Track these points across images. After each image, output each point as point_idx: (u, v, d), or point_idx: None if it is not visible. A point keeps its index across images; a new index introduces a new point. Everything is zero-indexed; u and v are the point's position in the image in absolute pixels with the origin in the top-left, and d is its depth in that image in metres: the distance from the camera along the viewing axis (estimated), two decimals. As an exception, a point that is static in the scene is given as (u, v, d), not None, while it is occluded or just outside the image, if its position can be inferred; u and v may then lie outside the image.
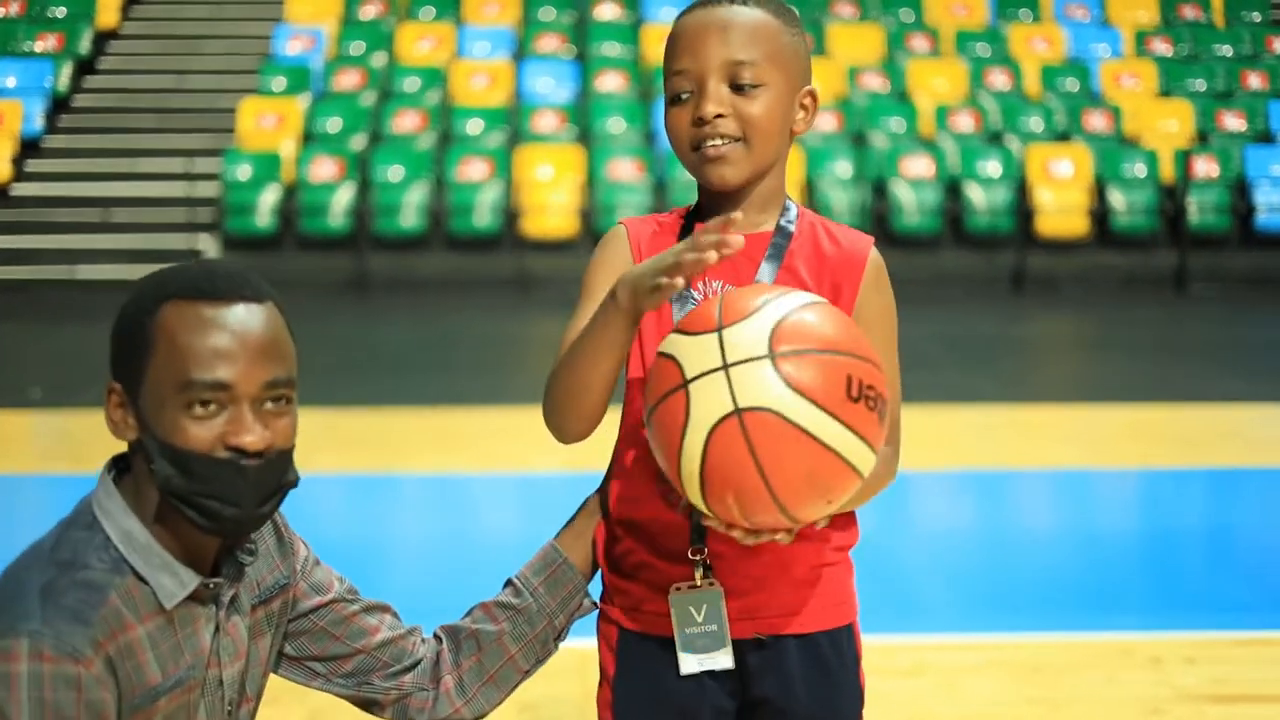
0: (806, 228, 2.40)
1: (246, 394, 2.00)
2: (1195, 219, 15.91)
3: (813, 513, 2.12)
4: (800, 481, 2.05)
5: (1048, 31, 18.25)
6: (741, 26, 2.31)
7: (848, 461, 2.08)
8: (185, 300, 2.02)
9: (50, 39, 17.54)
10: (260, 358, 2.01)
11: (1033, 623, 5.38)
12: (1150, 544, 6.74)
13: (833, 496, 2.10)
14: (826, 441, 2.05)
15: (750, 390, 2.04)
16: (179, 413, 1.99)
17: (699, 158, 2.32)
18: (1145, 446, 8.56)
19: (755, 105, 2.30)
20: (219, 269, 2.06)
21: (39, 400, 9.74)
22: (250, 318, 2.02)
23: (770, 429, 2.03)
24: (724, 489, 2.07)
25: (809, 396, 2.04)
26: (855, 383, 2.07)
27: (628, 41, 17.82)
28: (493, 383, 10.47)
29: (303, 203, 15.61)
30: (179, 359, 1.99)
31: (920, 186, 15.81)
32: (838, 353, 2.08)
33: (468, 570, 5.96)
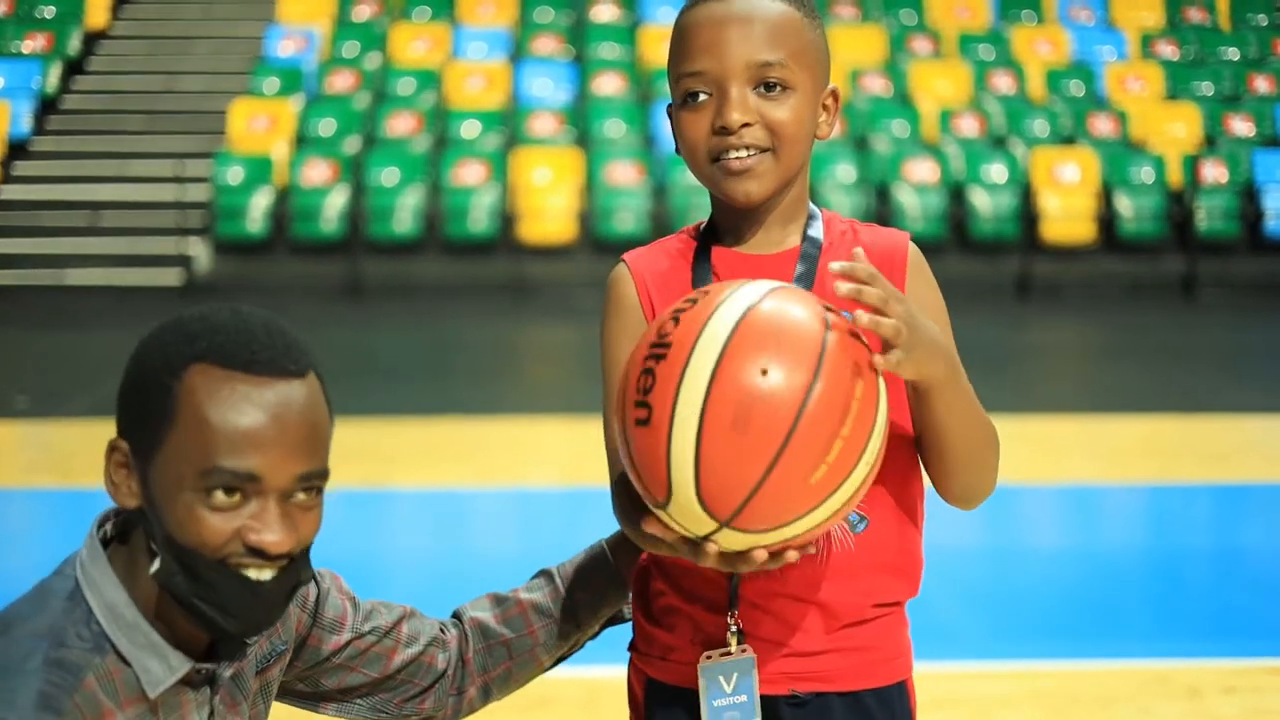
0: (838, 236, 2.19)
1: (276, 487, 1.77)
2: (1204, 225, 15.80)
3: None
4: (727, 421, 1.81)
5: (1051, 33, 18.15)
6: (765, 21, 2.09)
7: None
8: (219, 367, 1.76)
9: (39, 39, 17.48)
10: (298, 448, 1.78)
11: (1064, 649, 5.21)
12: (1178, 564, 6.53)
13: (755, 430, 1.80)
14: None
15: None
16: (195, 499, 1.75)
17: (720, 170, 2.10)
18: (1163, 460, 8.37)
19: (783, 110, 2.08)
20: (258, 329, 1.80)
21: (25, 410, 9.54)
22: (292, 399, 1.78)
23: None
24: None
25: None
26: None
27: (626, 43, 17.73)
28: (490, 392, 10.36)
29: (295, 207, 15.51)
30: (206, 438, 1.75)
31: (923, 191, 15.69)
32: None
33: (465, 592, 5.68)
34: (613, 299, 2.18)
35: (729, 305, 1.84)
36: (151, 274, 15.09)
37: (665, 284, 2.16)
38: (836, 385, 1.81)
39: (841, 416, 1.80)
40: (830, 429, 1.80)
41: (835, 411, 1.80)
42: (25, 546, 6.84)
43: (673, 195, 15.48)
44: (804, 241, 2.16)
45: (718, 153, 2.08)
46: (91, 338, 13.04)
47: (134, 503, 1.80)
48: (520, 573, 2.32)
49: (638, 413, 1.82)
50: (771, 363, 1.79)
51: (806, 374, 1.80)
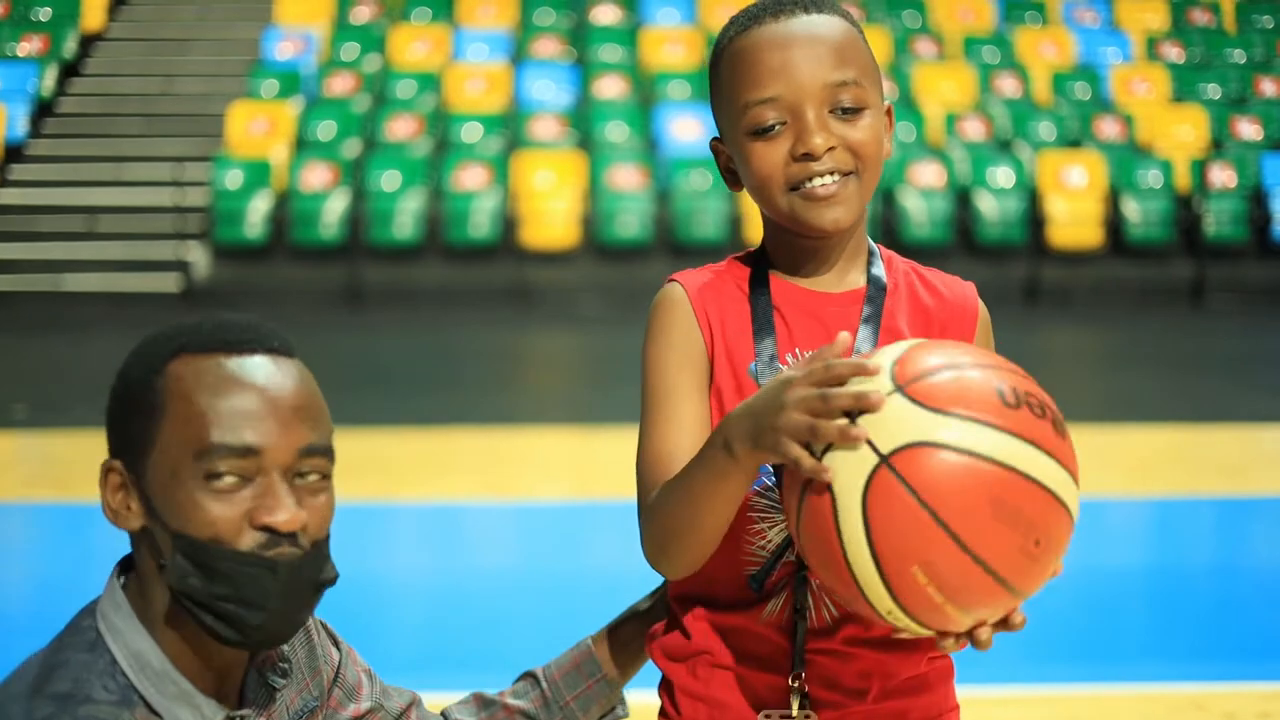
0: (900, 277, 2.09)
1: (278, 462, 1.68)
2: (1212, 230, 15.72)
3: (1022, 563, 1.71)
4: (985, 515, 1.67)
5: (1056, 35, 18.10)
6: (830, 40, 1.99)
7: (1031, 478, 1.69)
8: (199, 354, 1.71)
9: (34, 41, 17.39)
10: (294, 418, 1.70)
11: (1094, 673, 5.06)
12: (1202, 583, 6.39)
13: (1036, 532, 1.70)
14: (995, 457, 1.68)
15: (889, 430, 1.69)
16: (196, 486, 1.66)
17: (802, 199, 1.98)
18: (1186, 472, 8.24)
19: (861, 131, 1.98)
20: (235, 319, 1.76)
21: (23, 420, 9.40)
22: (279, 371, 1.73)
23: (926, 463, 1.68)
24: (905, 563, 1.69)
25: (956, 412, 1.69)
26: (1008, 390, 1.71)
27: (627, 45, 17.64)
28: (493, 401, 10.28)
29: (294, 211, 15.39)
30: (195, 421, 1.67)
31: (929, 195, 15.60)
32: (976, 367, 1.72)
33: (468, 612, 5.68)
34: (667, 315, 2.04)
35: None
36: (149, 280, 14.97)
37: (724, 311, 2.03)
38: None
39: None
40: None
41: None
42: (25, 563, 6.70)
43: (676, 199, 15.38)
44: (869, 284, 2.05)
45: (798, 181, 1.97)
46: (90, 345, 12.94)
47: (137, 523, 1.71)
48: (525, 593, 2.18)
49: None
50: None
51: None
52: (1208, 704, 4.69)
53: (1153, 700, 4.78)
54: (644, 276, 14.98)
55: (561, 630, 5.71)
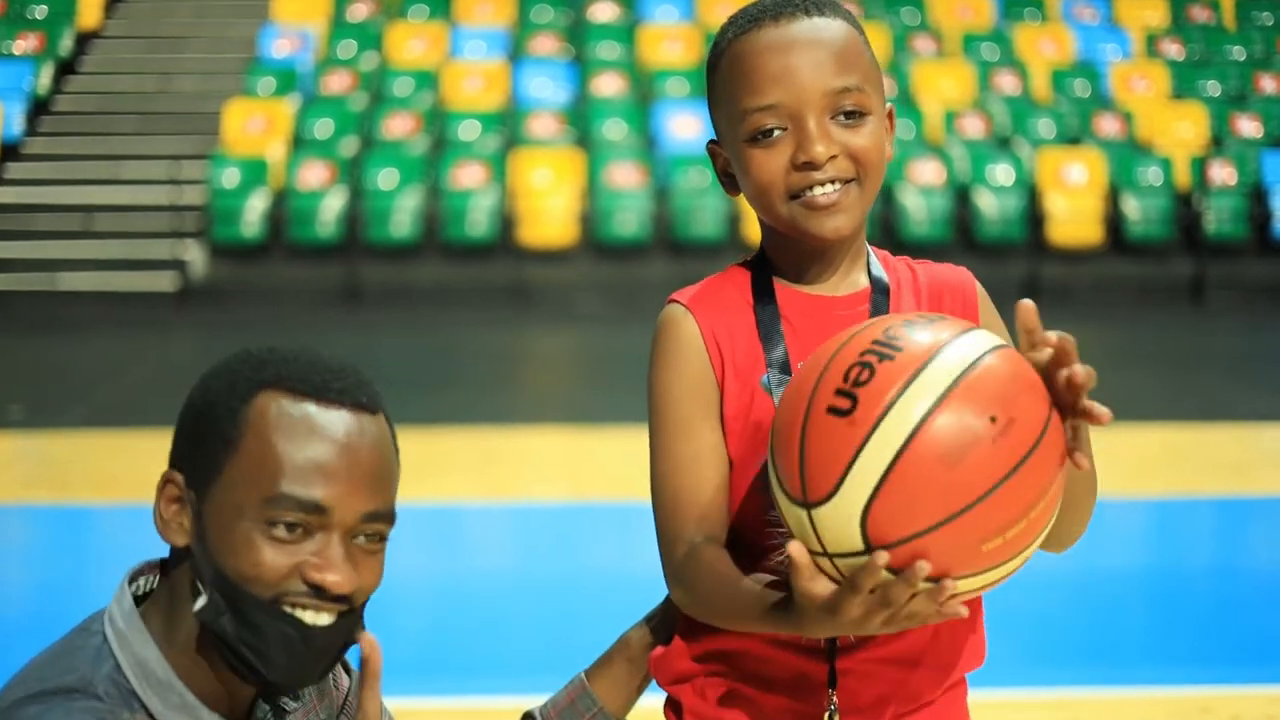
0: (900, 275, 2.07)
1: (342, 523, 1.68)
2: (1212, 227, 15.67)
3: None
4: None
5: (1055, 33, 18.06)
6: (833, 44, 1.95)
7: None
8: (288, 393, 1.70)
9: (30, 39, 17.34)
10: (367, 482, 1.69)
11: (1095, 676, 5.04)
12: (1209, 584, 6.37)
13: (959, 474, 1.66)
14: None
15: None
16: (254, 528, 1.66)
17: (802, 208, 1.94)
18: (1186, 472, 8.21)
19: (863, 138, 1.94)
20: (330, 361, 1.74)
21: (19, 421, 9.36)
22: (363, 431, 1.70)
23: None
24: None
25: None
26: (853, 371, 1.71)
27: (625, 42, 17.60)
28: (491, 400, 10.24)
29: (291, 209, 15.33)
30: (270, 465, 1.66)
31: (928, 193, 15.56)
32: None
33: (466, 615, 5.65)
34: (673, 341, 2.00)
35: (973, 339, 1.73)
36: (146, 279, 14.92)
37: (730, 325, 1.99)
38: (1043, 466, 1.69)
39: (1036, 499, 1.69)
40: (1023, 506, 1.68)
41: (1033, 491, 1.68)
42: (21, 566, 6.65)
43: (675, 197, 15.34)
44: (872, 286, 2.02)
45: (798, 189, 1.94)
46: (85, 344, 12.90)
47: (183, 540, 1.70)
48: (522, 596, 2.13)
49: (837, 400, 1.67)
50: (1002, 415, 1.66)
51: (1026, 444, 1.67)
52: (1213, 707, 4.67)
53: (1156, 704, 4.76)
54: (643, 275, 14.95)
55: (560, 633, 5.68)
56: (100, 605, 1.78)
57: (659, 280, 14.75)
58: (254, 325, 13.90)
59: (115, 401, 9.88)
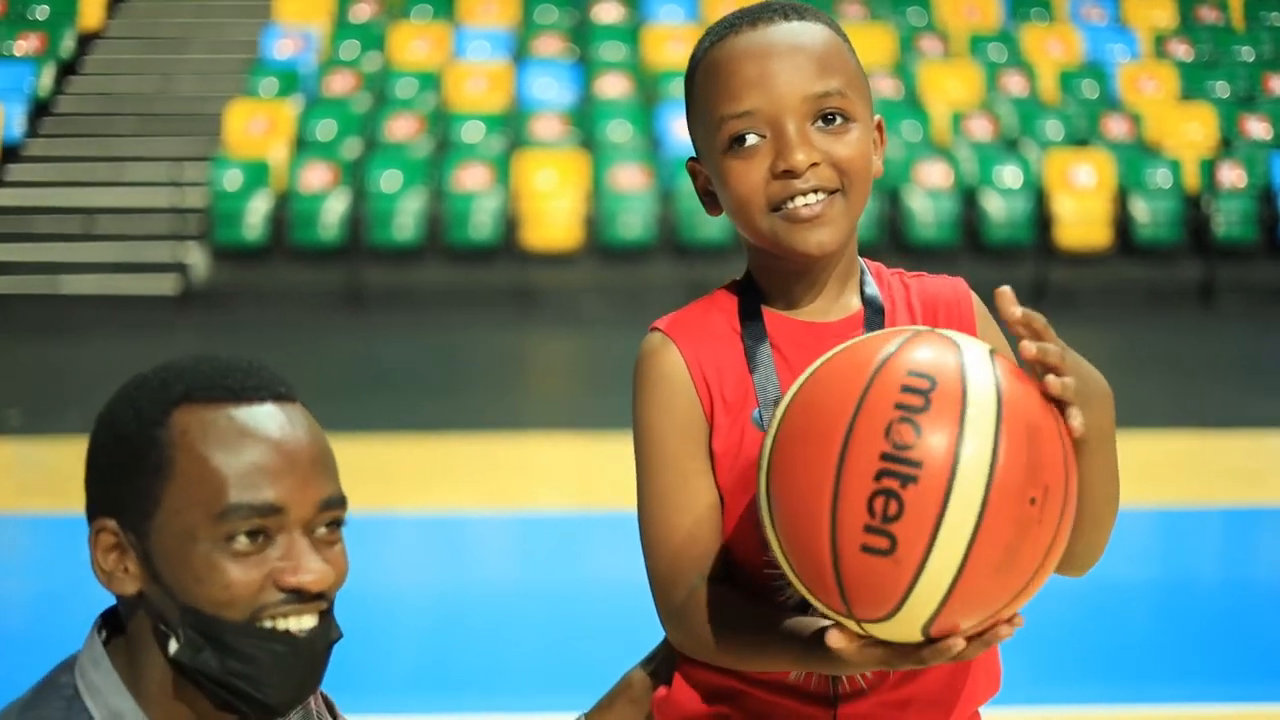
0: (895, 292, 1.96)
1: (300, 519, 1.60)
2: (1221, 230, 15.59)
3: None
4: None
5: (1062, 33, 17.99)
6: (812, 48, 1.86)
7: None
8: (204, 404, 1.60)
9: (31, 40, 17.26)
10: (313, 471, 1.61)
11: (1100, 693, 4.99)
12: (1219, 596, 6.29)
13: (1017, 570, 1.63)
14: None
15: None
16: (213, 549, 1.56)
17: (783, 220, 1.84)
18: (1196, 480, 8.13)
19: (847, 145, 1.84)
20: (233, 361, 1.66)
21: (17, 427, 9.29)
22: (293, 421, 1.63)
23: None
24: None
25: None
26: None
27: (629, 43, 17.54)
28: (494, 406, 10.19)
29: (294, 212, 15.26)
30: (210, 480, 1.57)
31: (935, 195, 15.48)
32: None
33: (467, 627, 5.57)
34: (656, 375, 1.89)
35: (975, 407, 1.61)
36: (147, 282, 14.86)
37: (718, 357, 1.88)
38: (1072, 505, 1.65)
39: (1064, 540, 1.66)
40: (1055, 555, 1.66)
41: (1065, 529, 1.65)
42: (18, 575, 6.58)
43: (680, 199, 15.24)
44: (865, 306, 1.91)
45: (779, 201, 1.83)
46: (85, 348, 12.84)
47: (134, 587, 1.60)
48: (528, 606, 2.04)
49: (871, 539, 1.58)
50: (1039, 490, 1.61)
51: (1061, 497, 1.64)
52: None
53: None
54: (647, 278, 14.88)
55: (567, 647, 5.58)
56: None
57: (664, 283, 14.68)
58: (256, 328, 13.85)
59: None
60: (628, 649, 2.04)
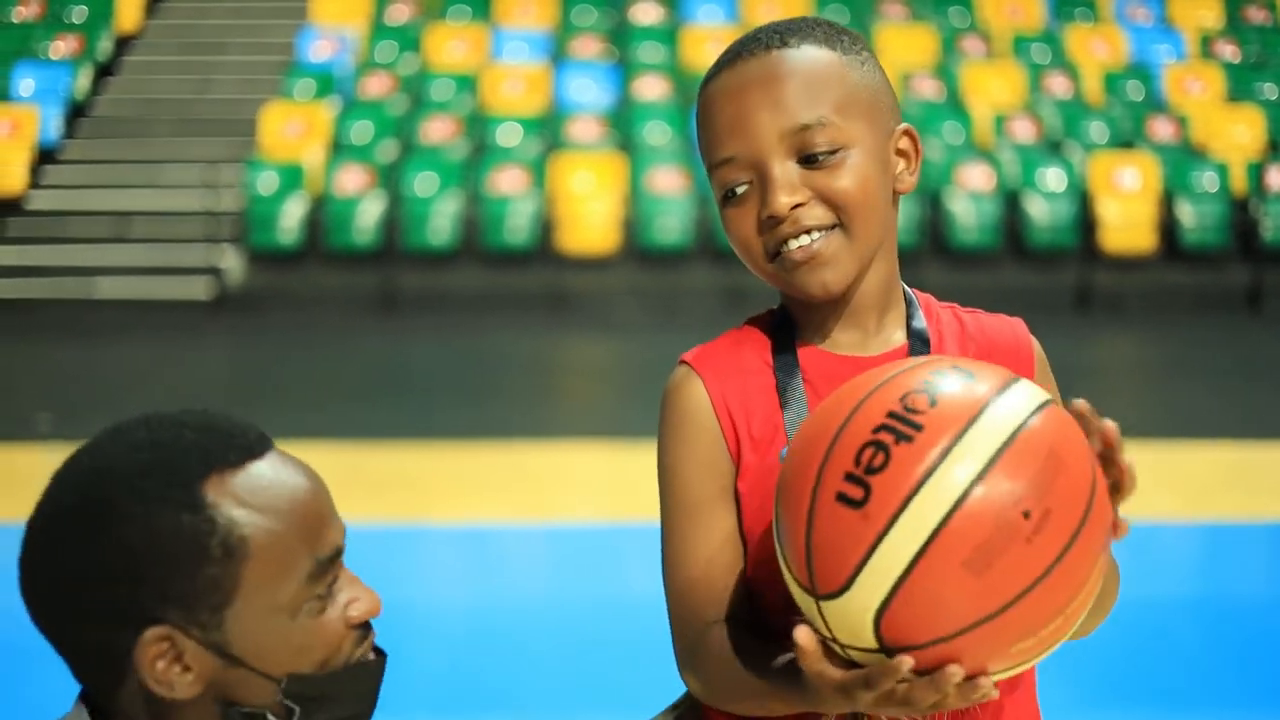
0: (945, 327, 1.85)
1: (341, 553, 1.58)
2: (1269, 234, 15.41)
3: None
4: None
5: (1107, 34, 17.82)
6: (792, 76, 1.74)
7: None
8: (229, 469, 1.48)
9: (69, 42, 17.27)
10: (330, 502, 1.58)
11: (1143, 716, 4.82)
12: (1268, 616, 6.10)
13: (988, 580, 1.50)
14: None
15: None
16: (310, 611, 1.51)
17: (783, 266, 1.75)
18: (1247, 494, 7.96)
19: (840, 177, 1.73)
20: (220, 422, 1.53)
21: (47, 432, 9.22)
22: (298, 463, 1.56)
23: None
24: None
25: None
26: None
27: (668, 45, 17.46)
28: (529, 412, 10.12)
29: (329, 215, 15.21)
30: (288, 545, 1.49)
31: (977, 199, 15.34)
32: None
33: (501, 641, 5.46)
34: (680, 412, 1.81)
35: (1008, 407, 1.51)
36: (181, 285, 14.84)
37: (746, 392, 1.78)
38: (1085, 554, 1.50)
39: (1074, 593, 1.51)
40: (1059, 604, 1.50)
41: (1071, 587, 1.50)
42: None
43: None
44: (910, 336, 1.80)
45: (775, 247, 1.73)
46: (117, 353, 12.82)
47: (200, 685, 1.47)
48: (560, 619, 1.95)
49: (847, 487, 1.50)
50: (1037, 506, 1.47)
51: (1064, 536, 1.48)
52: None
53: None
54: (685, 283, 14.80)
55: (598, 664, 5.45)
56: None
57: (701, 288, 14.57)
58: (289, 333, 13.82)
59: (146, 410, 9.76)
60: (660, 665, 1.95)
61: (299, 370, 11.99)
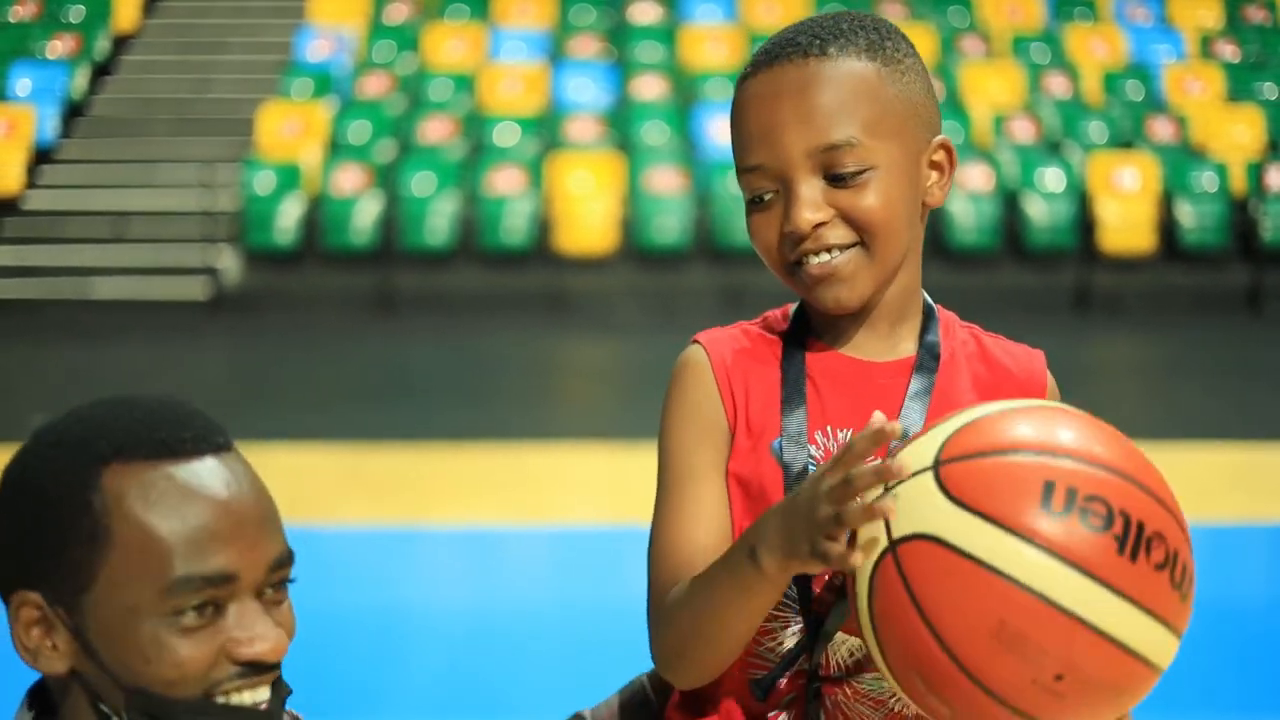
0: (959, 346, 1.85)
1: (252, 583, 1.48)
2: (1269, 234, 15.36)
3: (1040, 697, 1.46)
4: (984, 633, 1.45)
5: (1107, 33, 17.81)
6: (826, 91, 1.73)
7: (1073, 614, 1.44)
8: (140, 461, 1.45)
9: (66, 42, 17.24)
10: (262, 529, 1.49)
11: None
12: (1272, 621, 6.06)
13: (1056, 666, 1.44)
14: (1015, 576, 1.44)
15: (907, 514, 1.50)
16: (159, 625, 1.43)
17: (801, 278, 1.78)
18: (1248, 496, 7.94)
19: (865, 197, 1.74)
20: (166, 410, 1.49)
21: (41, 433, 9.21)
22: (236, 475, 1.49)
23: (928, 562, 1.48)
24: (902, 659, 1.52)
25: (984, 512, 1.46)
26: (1061, 491, 1.46)
27: (667, 44, 17.43)
28: (528, 414, 10.09)
29: (326, 215, 15.17)
30: (156, 549, 1.43)
31: (976, 199, 15.33)
32: (1043, 453, 1.47)
33: (501, 645, 5.43)
34: (686, 383, 1.83)
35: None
36: (177, 285, 14.81)
37: (750, 378, 1.80)
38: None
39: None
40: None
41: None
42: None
43: (717, 203, 15.11)
44: (920, 348, 1.80)
45: (795, 259, 1.76)
46: (113, 353, 12.81)
47: (63, 665, 1.46)
48: (561, 623, 1.94)
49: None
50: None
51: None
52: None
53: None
54: (683, 283, 14.77)
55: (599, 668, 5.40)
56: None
57: (700, 289, 14.55)
58: (286, 333, 13.79)
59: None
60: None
61: (296, 370, 11.97)
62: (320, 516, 7.23)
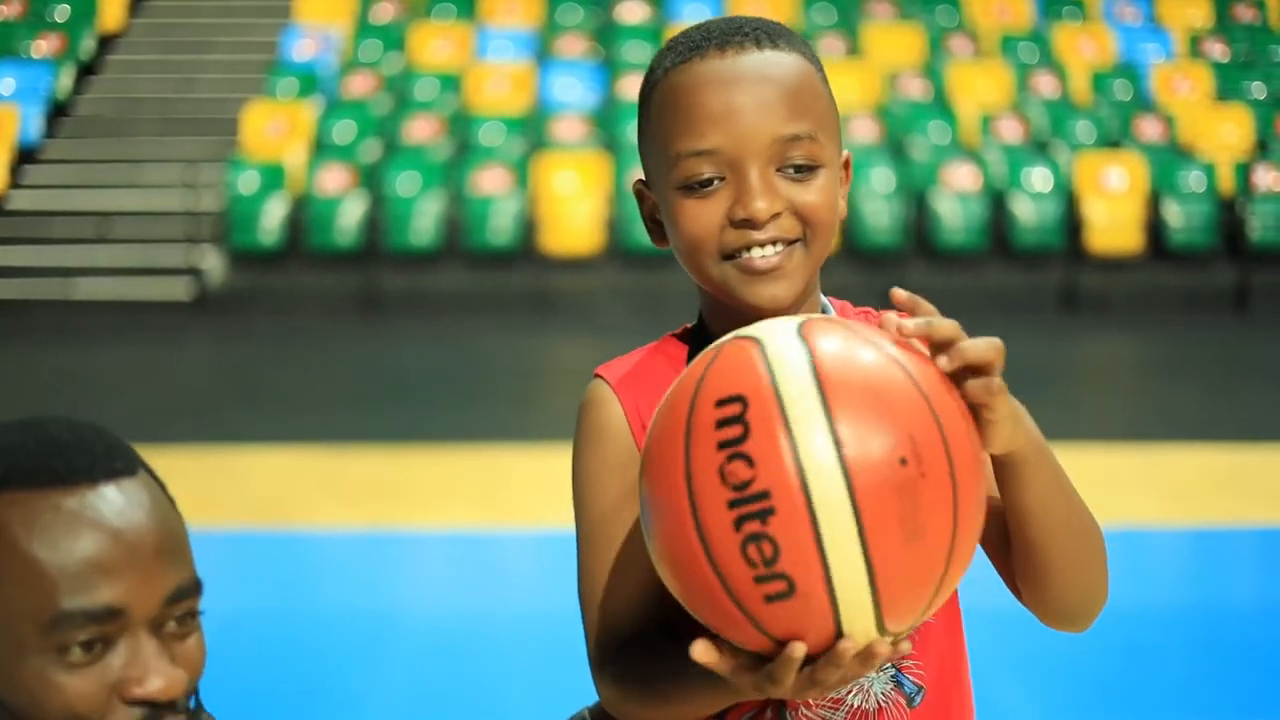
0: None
1: (144, 618, 1.40)
2: (1257, 234, 15.38)
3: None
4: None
5: (1095, 33, 17.83)
6: (785, 84, 1.70)
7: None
8: (24, 489, 1.39)
9: (51, 41, 17.22)
10: (157, 560, 1.41)
11: None
12: (1259, 623, 6.06)
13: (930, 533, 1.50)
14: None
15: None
16: (45, 662, 1.38)
17: (736, 271, 1.70)
18: (1234, 498, 7.91)
19: (813, 193, 1.70)
20: (60, 433, 1.43)
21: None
22: (132, 503, 1.41)
23: None
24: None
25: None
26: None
27: (654, 44, 17.41)
28: (513, 416, 10.07)
29: (311, 215, 15.16)
30: (37, 583, 1.37)
31: (963, 199, 15.35)
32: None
33: (487, 652, 5.41)
34: (593, 426, 1.78)
35: (796, 404, 1.46)
36: (162, 286, 14.78)
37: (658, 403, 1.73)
38: (958, 447, 1.48)
39: (972, 482, 1.50)
40: (972, 498, 1.50)
41: (969, 479, 1.49)
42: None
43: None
44: None
45: (735, 249, 1.69)
46: (98, 354, 12.77)
47: None
48: (551, 629, 1.92)
49: (768, 588, 1.45)
50: (904, 447, 1.45)
51: (940, 443, 1.47)
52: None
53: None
54: (668, 283, 14.74)
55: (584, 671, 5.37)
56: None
57: (686, 290, 14.33)
58: (271, 334, 13.76)
59: (126, 414, 9.69)
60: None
61: (280, 372, 11.94)
62: (304, 519, 7.20)
